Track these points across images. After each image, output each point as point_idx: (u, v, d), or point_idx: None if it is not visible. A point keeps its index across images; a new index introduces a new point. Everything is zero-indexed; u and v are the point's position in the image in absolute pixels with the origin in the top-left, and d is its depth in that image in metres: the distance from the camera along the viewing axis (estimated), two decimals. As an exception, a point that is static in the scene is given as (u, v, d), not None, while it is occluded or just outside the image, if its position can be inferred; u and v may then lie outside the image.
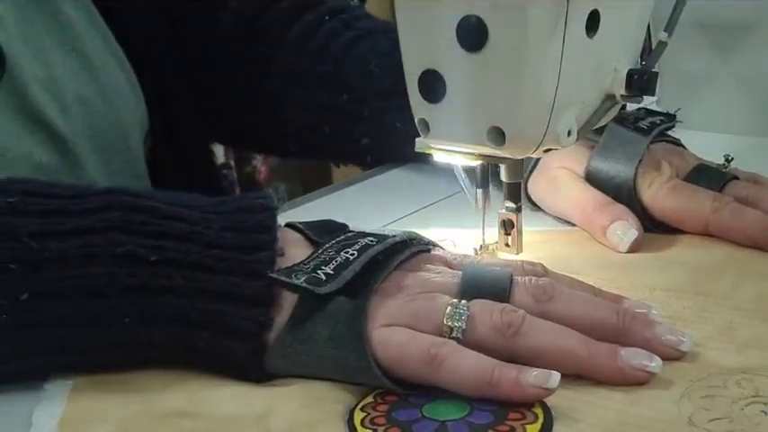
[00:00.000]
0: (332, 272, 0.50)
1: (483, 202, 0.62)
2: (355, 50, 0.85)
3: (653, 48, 0.60)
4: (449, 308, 0.50)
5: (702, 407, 0.46)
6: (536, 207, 0.71)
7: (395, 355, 0.49)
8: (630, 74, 0.59)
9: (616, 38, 0.59)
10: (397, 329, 0.50)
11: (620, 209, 0.65)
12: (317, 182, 1.74)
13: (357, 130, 0.84)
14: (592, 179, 0.68)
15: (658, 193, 0.65)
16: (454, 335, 0.49)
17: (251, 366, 0.51)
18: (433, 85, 0.57)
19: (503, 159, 0.60)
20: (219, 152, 1.41)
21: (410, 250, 0.54)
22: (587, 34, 0.56)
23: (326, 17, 0.88)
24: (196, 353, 0.51)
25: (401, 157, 0.85)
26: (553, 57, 0.55)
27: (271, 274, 0.50)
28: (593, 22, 0.56)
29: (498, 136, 0.56)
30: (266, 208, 0.54)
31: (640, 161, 0.67)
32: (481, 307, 0.50)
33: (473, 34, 0.54)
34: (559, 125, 0.57)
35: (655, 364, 0.48)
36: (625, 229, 0.64)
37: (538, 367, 0.48)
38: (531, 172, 0.70)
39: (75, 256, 0.50)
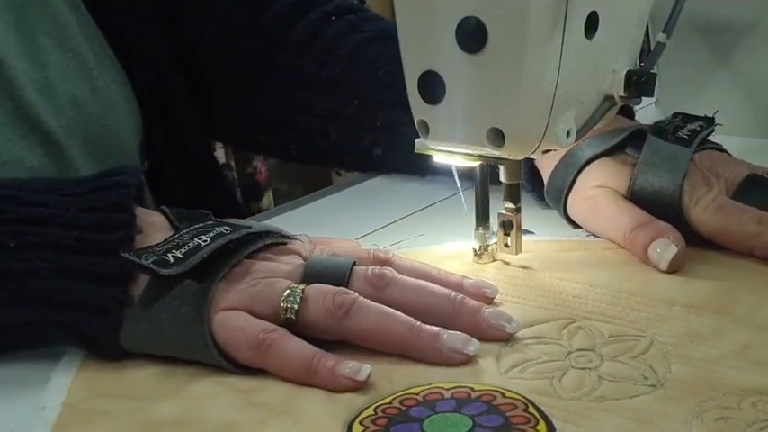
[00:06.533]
0: (181, 255, 0.53)
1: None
2: (365, 54, 0.83)
3: (651, 49, 0.60)
4: (287, 291, 0.53)
5: (715, 430, 0.44)
6: (577, 227, 0.69)
7: (229, 337, 0.52)
8: (629, 75, 0.59)
9: (615, 39, 0.59)
10: (235, 313, 0.52)
11: (662, 226, 0.62)
12: (317, 183, 1.75)
13: (368, 139, 0.83)
14: (637, 198, 0.65)
15: (704, 212, 0.63)
16: (288, 315, 0.52)
17: (107, 342, 0.53)
18: (432, 87, 0.57)
19: (502, 160, 0.60)
20: (220, 153, 1.41)
21: (263, 241, 0.57)
22: (586, 35, 0.56)
23: (332, 17, 0.86)
24: (60, 328, 0.54)
25: (417, 173, 0.83)
26: (552, 58, 0.55)
27: (122, 254, 0.53)
28: (591, 24, 0.56)
29: (497, 137, 0.57)
30: (123, 185, 0.56)
31: (684, 176, 0.64)
32: (316, 289, 0.53)
33: (472, 36, 0.54)
34: (558, 126, 0.57)
35: (472, 347, 0.52)
36: (665, 247, 0.61)
37: (368, 347, 0.52)
38: (567, 193, 0.68)
39: None
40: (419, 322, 0.52)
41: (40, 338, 0.55)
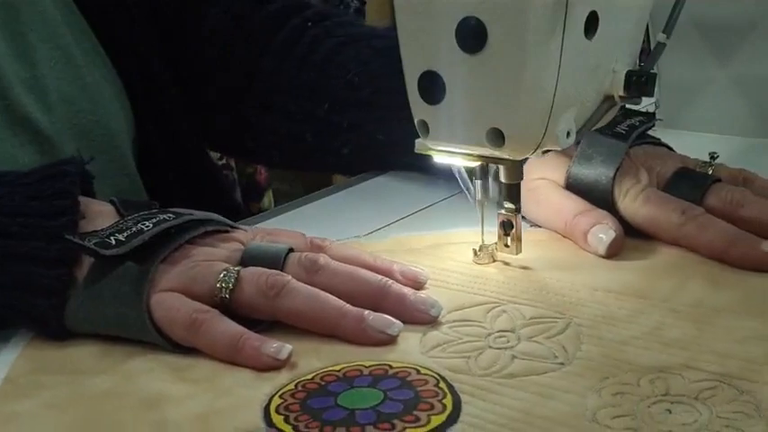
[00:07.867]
0: (123, 239, 0.55)
1: (482, 198, 0.63)
2: (337, 59, 0.84)
3: (651, 49, 0.60)
4: (223, 272, 0.55)
5: (610, 403, 0.47)
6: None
7: (165, 317, 0.54)
8: (629, 75, 0.59)
9: (614, 39, 0.59)
10: (173, 294, 0.55)
11: (601, 213, 0.64)
12: (317, 183, 1.74)
13: (338, 141, 0.84)
14: (572, 190, 0.67)
15: (633, 203, 0.65)
16: (223, 295, 0.55)
17: (53, 322, 0.55)
18: (432, 87, 0.57)
19: (502, 160, 0.60)
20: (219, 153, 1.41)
21: (204, 228, 0.59)
22: (586, 36, 0.56)
23: (309, 23, 0.87)
24: (10, 310, 0.56)
25: (388, 168, 0.84)
26: (552, 58, 0.55)
27: (67, 237, 0.55)
28: (591, 24, 0.56)
29: (497, 137, 0.57)
30: (68, 174, 0.58)
31: (618, 169, 0.66)
32: (251, 271, 0.56)
33: (472, 36, 0.54)
34: (558, 126, 0.57)
35: (395, 329, 0.54)
36: (604, 232, 0.63)
37: (299, 327, 0.55)
38: None
39: None
40: (347, 304, 0.54)
41: None
